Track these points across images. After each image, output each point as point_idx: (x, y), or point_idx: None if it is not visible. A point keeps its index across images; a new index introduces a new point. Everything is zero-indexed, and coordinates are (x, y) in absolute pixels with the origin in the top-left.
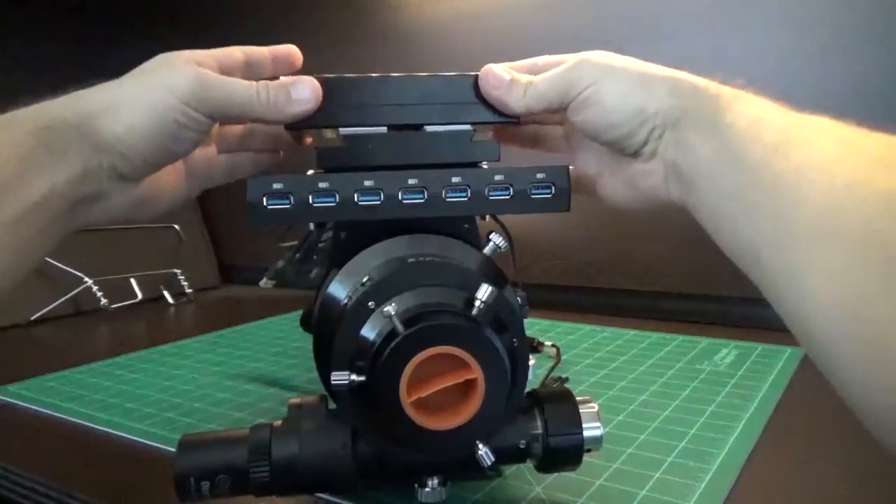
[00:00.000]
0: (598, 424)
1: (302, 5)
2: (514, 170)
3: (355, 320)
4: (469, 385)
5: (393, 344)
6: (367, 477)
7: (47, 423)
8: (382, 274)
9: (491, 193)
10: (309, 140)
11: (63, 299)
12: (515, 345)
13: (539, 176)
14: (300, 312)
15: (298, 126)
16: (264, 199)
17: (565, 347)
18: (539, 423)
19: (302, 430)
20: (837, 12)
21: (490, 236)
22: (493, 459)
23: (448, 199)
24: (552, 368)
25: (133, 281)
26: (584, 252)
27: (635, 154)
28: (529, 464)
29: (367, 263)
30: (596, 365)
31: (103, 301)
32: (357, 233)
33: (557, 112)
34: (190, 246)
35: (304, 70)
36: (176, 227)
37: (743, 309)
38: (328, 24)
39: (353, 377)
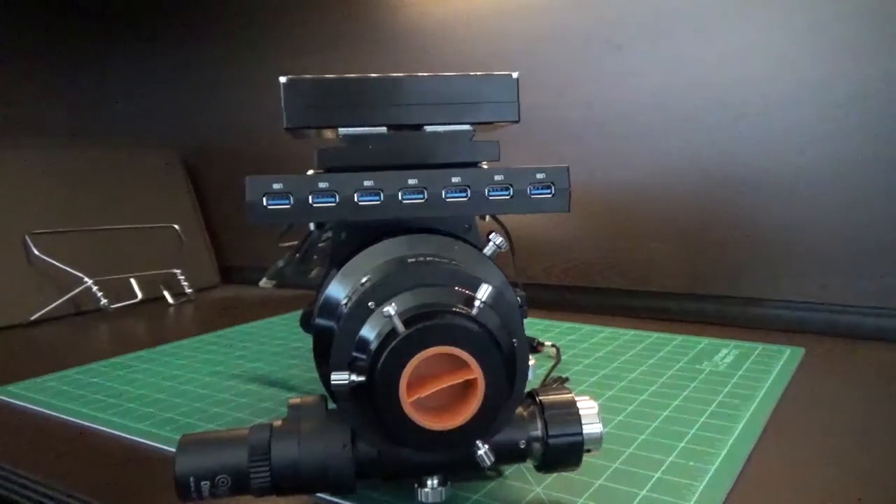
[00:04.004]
0: (598, 424)
1: (301, 5)
2: (514, 170)
3: (355, 320)
4: (469, 385)
5: (393, 344)
6: (366, 477)
7: (47, 423)
8: (382, 274)
9: (491, 193)
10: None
11: (63, 299)
12: (515, 345)
13: (539, 176)
14: (300, 312)
15: (298, 126)
16: (264, 199)
17: (565, 347)
18: (539, 423)
19: (302, 430)
20: (838, 13)
21: (490, 236)
22: (493, 459)
23: (448, 199)
24: (552, 368)
25: (133, 281)
26: (584, 252)
27: None
28: (529, 464)
29: (367, 263)
30: (596, 365)
31: (103, 301)
32: (357, 233)
33: None
34: (190, 246)
35: (304, 70)
36: (176, 227)
37: (743, 309)
38: (327, 25)
39: (353, 377)
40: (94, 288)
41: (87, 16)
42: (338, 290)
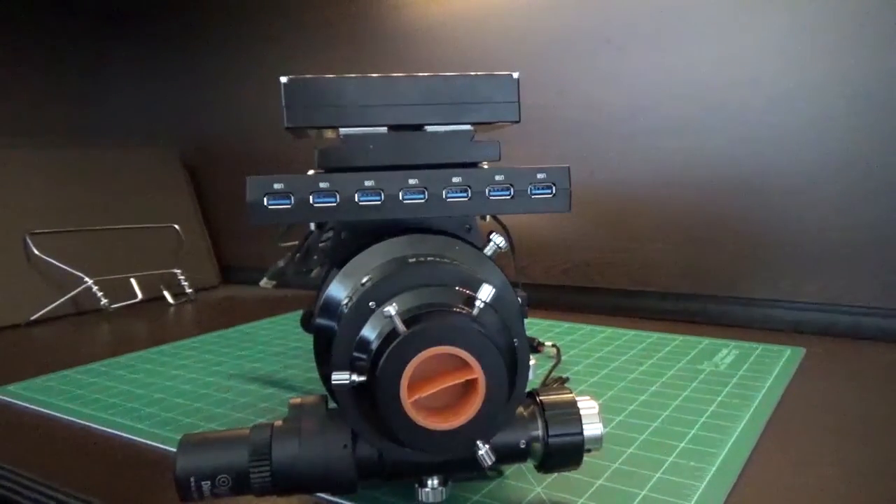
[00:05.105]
0: (598, 424)
1: (301, 5)
2: (515, 170)
3: (356, 320)
4: (469, 385)
5: (393, 344)
6: (367, 477)
7: (47, 423)
8: (383, 274)
9: (491, 193)
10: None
11: (63, 299)
12: (516, 345)
13: (540, 176)
14: (300, 312)
15: (299, 126)
16: (265, 199)
17: (565, 347)
18: (539, 423)
19: (302, 430)
20: (838, 13)
21: (490, 236)
22: (493, 459)
23: (448, 199)
24: (552, 368)
25: (133, 281)
26: (584, 252)
27: None
28: (530, 463)
29: (368, 263)
30: (596, 365)
31: (103, 301)
32: (357, 233)
33: None
34: (190, 246)
35: (304, 70)
36: (176, 227)
37: (743, 309)
38: (327, 24)
39: (354, 377)
40: (94, 288)
41: (88, 16)
42: (338, 290)
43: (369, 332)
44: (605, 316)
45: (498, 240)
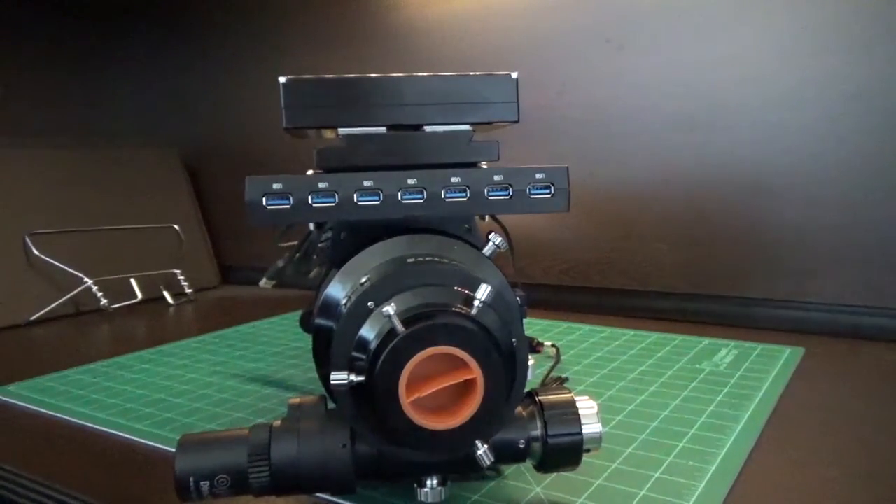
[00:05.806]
0: (597, 424)
1: (301, 5)
2: (514, 170)
3: (354, 320)
4: (469, 385)
5: (392, 344)
6: (366, 477)
7: (47, 423)
8: (382, 274)
9: (490, 193)
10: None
11: (63, 299)
12: (515, 345)
13: (538, 176)
14: (300, 312)
15: (298, 126)
16: (264, 199)
17: (565, 347)
18: (539, 423)
19: (301, 430)
20: (839, 13)
21: (490, 236)
22: (492, 459)
23: (447, 199)
24: (552, 368)
25: (133, 281)
26: (584, 252)
27: None
28: (529, 463)
29: (367, 263)
30: (596, 365)
31: (103, 301)
32: (356, 233)
33: None
34: (190, 246)
35: (305, 70)
36: (176, 227)
37: (743, 309)
38: (328, 24)
39: (353, 377)
40: (94, 288)
41: (88, 16)
42: (337, 290)
43: (368, 332)
44: (604, 316)
45: (497, 240)
